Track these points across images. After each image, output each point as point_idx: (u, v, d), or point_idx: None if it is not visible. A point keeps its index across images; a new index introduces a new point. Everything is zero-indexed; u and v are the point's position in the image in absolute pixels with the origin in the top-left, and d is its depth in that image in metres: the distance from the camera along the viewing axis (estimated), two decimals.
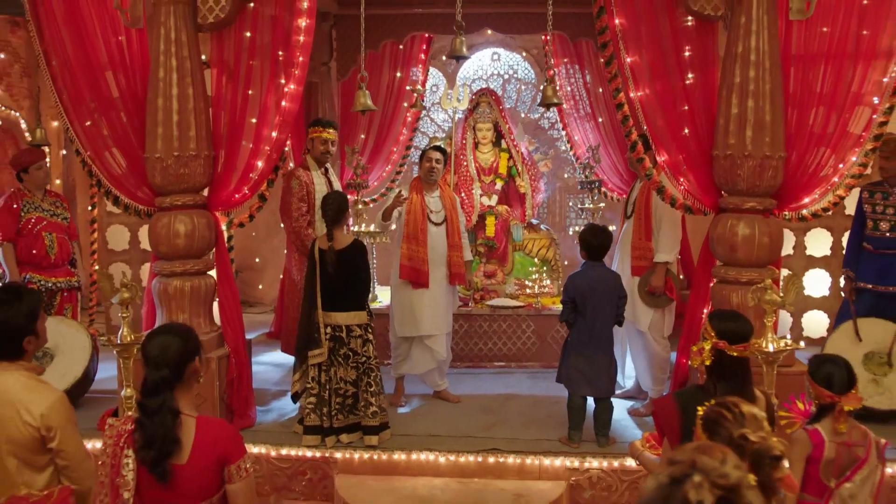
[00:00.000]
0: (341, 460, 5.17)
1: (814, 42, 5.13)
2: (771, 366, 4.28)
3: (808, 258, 8.06)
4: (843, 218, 7.50)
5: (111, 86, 5.72)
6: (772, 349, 4.25)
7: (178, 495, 2.79)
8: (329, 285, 5.21)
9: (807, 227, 7.90)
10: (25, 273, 6.24)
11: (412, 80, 8.79)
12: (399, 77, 8.74)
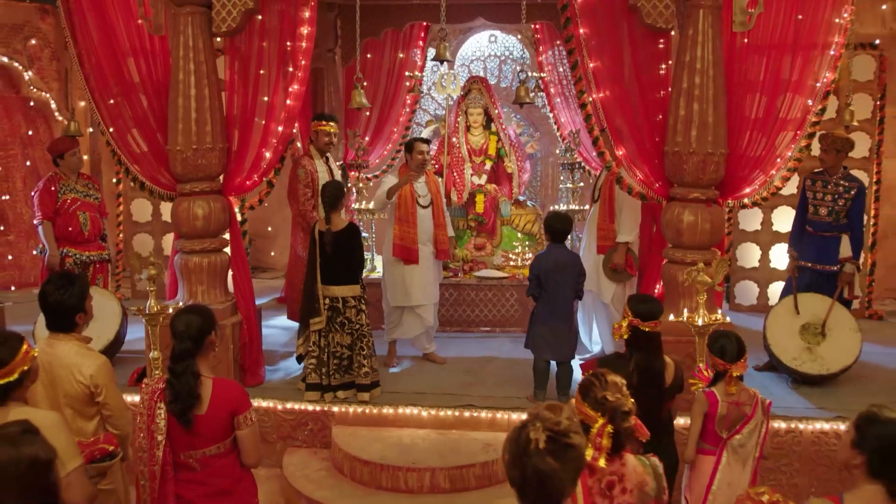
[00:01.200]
0: (338, 413, 6.00)
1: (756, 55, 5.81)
2: (702, 337, 5.02)
3: (773, 233, 8.79)
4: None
5: (132, 72, 6.47)
6: (701, 323, 5.01)
7: (198, 438, 3.60)
8: (327, 262, 5.98)
9: (773, 204, 8.60)
10: (62, 248, 7.05)
11: (412, 60, 9.46)
12: (400, 58, 9.40)
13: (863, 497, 2.80)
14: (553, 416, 2.26)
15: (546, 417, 2.25)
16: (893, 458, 2.73)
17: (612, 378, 2.91)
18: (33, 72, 9.99)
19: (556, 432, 2.22)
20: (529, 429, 2.23)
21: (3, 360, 3.15)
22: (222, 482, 3.67)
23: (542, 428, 2.22)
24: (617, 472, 2.87)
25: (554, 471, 2.18)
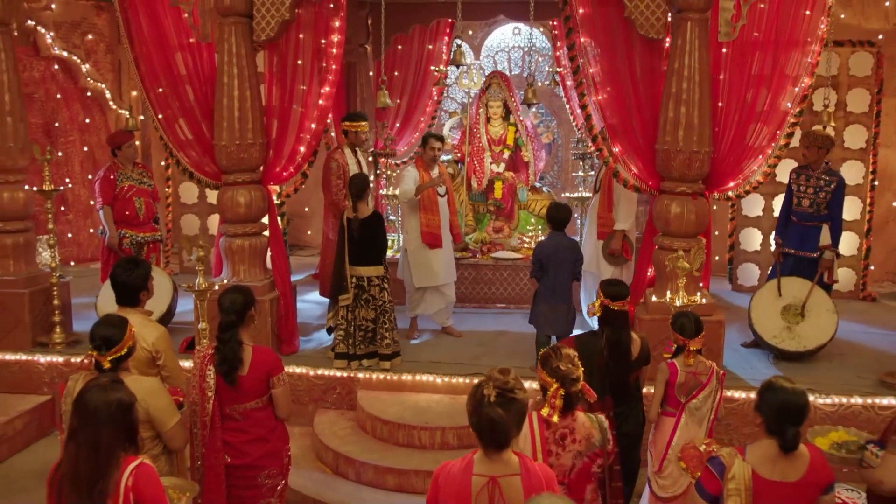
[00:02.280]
0: (363, 379, 6.80)
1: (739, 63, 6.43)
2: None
3: (774, 219, 9.34)
4: None
5: (180, 65, 7.27)
6: (679, 304, 5.68)
7: (241, 395, 4.41)
8: (354, 246, 6.75)
9: (774, 192, 9.19)
10: (120, 230, 7.90)
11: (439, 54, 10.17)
12: (428, 49, 10.14)
13: (760, 448, 3.51)
14: (502, 377, 3.00)
15: (496, 378, 2.99)
16: (782, 419, 3.43)
17: (566, 352, 3.64)
18: (90, 64, 10.84)
19: (503, 389, 2.96)
20: (483, 387, 2.98)
21: (116, 339, 3.96)
22: (260, 431, 4.48)
23: (493, 386, 2.97)
24: (569, 426, 3.60)
25: (501, 418, 2.92)
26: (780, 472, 3.46)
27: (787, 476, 3.45)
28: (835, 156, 9.25)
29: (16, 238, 7.51)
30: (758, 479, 3.43)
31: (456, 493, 2.96)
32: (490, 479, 2.93)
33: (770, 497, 3.43)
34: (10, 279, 7.44)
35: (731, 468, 3.45)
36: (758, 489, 3.42)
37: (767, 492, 3.43)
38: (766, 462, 3.47)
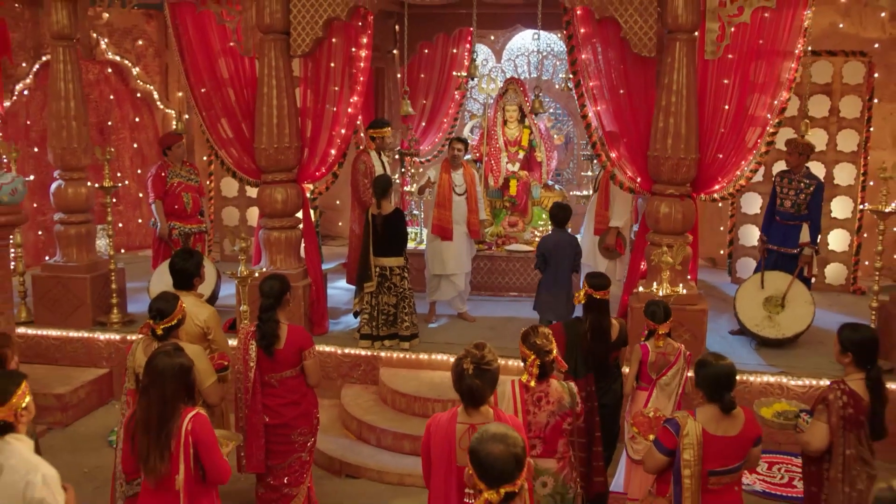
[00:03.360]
0: (384, 358, 7.65)
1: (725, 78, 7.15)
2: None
3: None
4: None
5: (222, 69, 8.16)
6: (662, 294, 6.44)
7: (277, 365, 5.27)
8: (377, 239, 7.57)
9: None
10: (170, 221, 8.79)
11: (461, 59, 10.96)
12: (453, 53, 10.95)
13: (707, 411, 4.28)
14: (478, 352, 3.81)
15: (473, 353, 3.80)
16: (715, 389, 4.21)
17: (542, 330, 4.44)
18: (140, 68, 11.75)
19: (479, 363, 3.77)
20: (463, 361, 3.78)
21: (168, 311, 4.84)
22: (293, 395, 5.35)
23: (470, 360, 3.77)
24: (544, 390, 4.40)
25: (478, 386, 3.73)
26: (722, 429, 4.24)
27: (728, 432, 4.24)
28: (828, 158, 9.97)
29: (79, 229, 8.45)
30: (706, 435, 4.21)
31: (444, 437, 3.77)
32: (470, 426, 3.74)
33: (715, 448, 4.21)
34: (74, 265, 8.38)
35: (685, 427, 4.23)
36: (706, 442, 4.20)
37: (713, 444, 4.21)
38: (712, 421, 4.26)
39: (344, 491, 6.47)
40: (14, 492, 3.39)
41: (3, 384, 3.53)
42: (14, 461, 3.44)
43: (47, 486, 3.44)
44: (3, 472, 3.40)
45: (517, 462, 2.73)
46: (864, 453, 4.53)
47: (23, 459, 3.47)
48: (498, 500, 2.69)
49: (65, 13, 7.99)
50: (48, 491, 3.43)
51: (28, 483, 3.39)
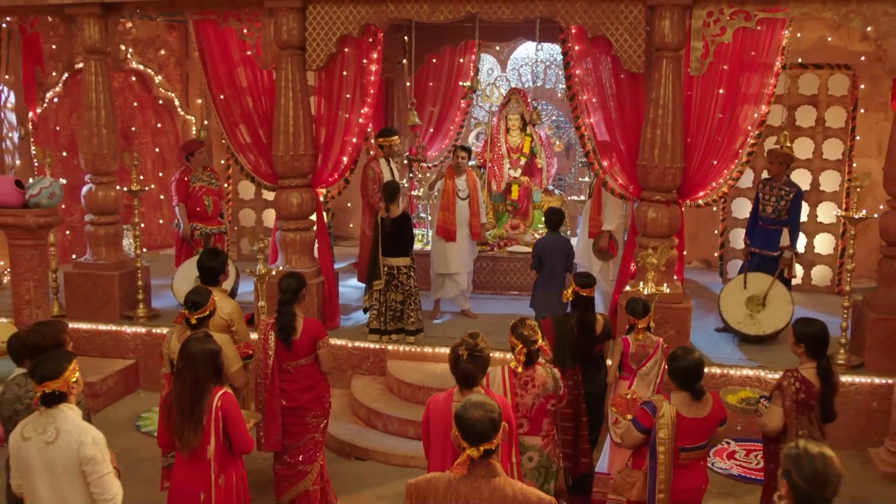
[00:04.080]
0: (391, 351, 8.23)
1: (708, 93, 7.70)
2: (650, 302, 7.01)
3: None
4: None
5: (241, 78, 8.75)
6: (647, 293, 6.99)
7: (294, 354, 5.85)
8: (386, 240, 8.15)
9: None
10: (192, 223, 9.39)
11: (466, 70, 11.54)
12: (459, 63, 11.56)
13: (679, 396, 4.84)
14: (472, 340, 4.37)
15: (468, 341, 4.36)
16: (685, 380, 4.77)
17: (529, 322, 5.01)
18: (161, 76, 12.38)
19: (472, 349, 4.33)
20: (458, 348, 4.35)
21: (201, 303, 5.43)
22: (308, 381, 5.94)
23: (465, 347, 4.34)
24: (530, 375, 4.97)
25: (472, 370, 4.29)
26: (693, 412, 4.80)
27: (698, 414, 4.81)
28: (814, 165, 10.51)
29: (107, 229, 9.07)
30: (679, 416, 4.78)
31: (442, 414, 4.34)
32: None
33: (686, 428, 4.78)
34: (103, 263, 9.00)
35: (661, 409, 4.80)
36: (679, 423, 4.77)
37: (685, 425, 4.78)
38: (684, 405, 4.82)
39: (353, 472, 7.05)
40: (69, 451, 3.98)
41: (58, 361, 4.12)
42: (68, 426, 4.03)
43: (96, 446, 4.03)
44: (60, 435, 3.99)
45: (493, 425, 3.28)
46: (815, 434, 5.06)
47: (75, 424, 4.06)
48: (478, 456, 3.25)
49: (97, 29, 8.60)
50: (97, 450, 4.02)
51: (80, 444, 3.98)
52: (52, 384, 4.01)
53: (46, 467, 3.99)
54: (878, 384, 7.41)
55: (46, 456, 3.98)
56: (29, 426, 4.05)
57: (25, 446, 4.02)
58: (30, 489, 4.06)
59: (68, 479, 3.99)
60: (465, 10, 7.79)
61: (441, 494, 3.27)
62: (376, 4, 7.92)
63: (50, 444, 3.97)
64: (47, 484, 4.00)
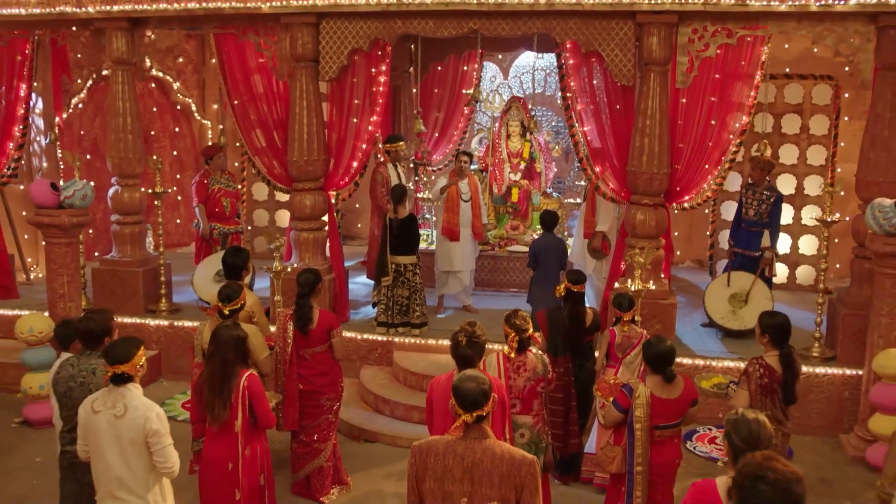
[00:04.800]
0: (398, 342, 8.83)
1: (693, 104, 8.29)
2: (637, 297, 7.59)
3: None
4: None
5: (257, 84, 9.37)
6: (634, 289, 7.57)
7: (310, 342, 6.46)
8: (394, 240, 8.74)
9: None
10: (211, 223, 10.01)
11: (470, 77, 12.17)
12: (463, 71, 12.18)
13: (654, 379, 5.42)
14: (470, 328, 4.95)
15: (467, 329, 4.94)
16: (657, 364, 5.35)
17: (521, 313, 5.61)
18: (180, 83, 13.00)
19: (470, 336, 4.92)
20: (458, 335, 4.94)
21: (234, 297, 6.02)
22: (323, 367, 6.55)
23: (464, 334, 4.93)
24: (522, 360, 5.56)
25: (470, 354, 4.87)
26: (666, 393, 5.38)
27: (671, 395, 5.39)
28: (799, 171, 11.10)
29: (132, 228, 9.70)
30: (653, 397, 5.36)
31: (443, 392, 4.92)
32: None
33: (660, 408, 5.36)
34: (128, 260, 9.63)
35: (637, 390, 5.38)
36: (653, 403, 5.35)
37: (658, 405, 5.36)
38: (658, 387, 5.41)
39: (362, 453, 7.66)
40: (136, 425, 4.57)
41: (128, 347, 4.71)
42: (136, 402, 4.63)
43: (160, 420, 4.63)
44: (128, 410, 4.59)
45: (484, 395, 3.87)
46: (777, 414, 5.65)
47: (141, 401, 4.66)
48: (472, 421, 3.84)
49: (124, 41, 9.22)
50: (161, 424, 4.62)
51: (147, 418, 4.58)
52: (122, 367, 4.60)
53: (115, 437, 4.58)
54: (848, 375, 7.97)
55: (115, 427, 4.57)
56: (98, 401, 4.65)
57: (95, 418, 4.61)
58: (97, 456, 4.65)
59: (134, 448, 4.58)
60: (468, 27, 8.39)
61: (440, 453, 3.86)
62: (385, 20, 8.53)
63: (119, 418, 4.57)
64: (114, 452, 4.59)
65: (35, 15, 9.29)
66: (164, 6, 8.91)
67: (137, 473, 4.64)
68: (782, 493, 2.76)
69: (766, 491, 2.77)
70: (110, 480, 4.64)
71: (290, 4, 8.53)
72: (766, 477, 2.80)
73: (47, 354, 8.05)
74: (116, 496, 4.65)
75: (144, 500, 4.67)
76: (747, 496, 2.81)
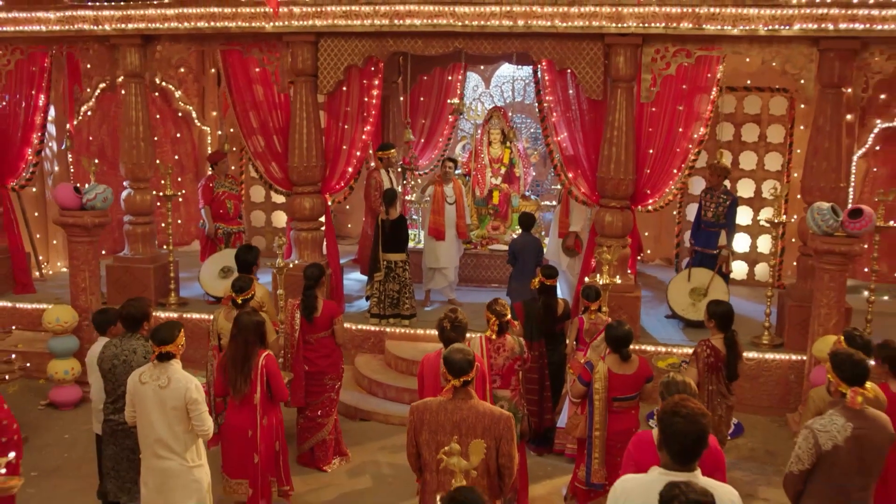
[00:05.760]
0: (389, 332, 9.71)
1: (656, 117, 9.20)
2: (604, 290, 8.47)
3: None
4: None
5: (259, 95, 10.20)
6: (601, 283, 8.47)
7: (315, 328, 7.33)
8: (385, 239, 9.60)
9: None
10: (216, 223, 10.85)
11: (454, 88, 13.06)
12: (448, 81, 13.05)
13: (612, 357, 6.30)
14: (453, 315, 5.81)
15: (449, 315, 5.80)
16: (615, 345, 6.22)
17: (501, 301, 6.49)
18: (181, 91, 13.80)
19: (453, 321, 5.78)
20: (443, 321, 5.80)
21: (246, 287, 6.87)
22: (326, 350, 7.42)
23: (448, 319, 5.78)
24: (501, 342, 6.44)
25: (454, 336, 5.73)
26: (622, 370, 6.27)
27: (627, 371, 6.28)
28: (758, 176, 12.05)
29: (143, 228, 10.52)
30: (611, 373, 6.26)
31: (433, 367, 5.80)
32: None
33: (618, 382, 6.24)
34: (140, 257, 10.46)
35: (597, 366, 6.27)
36: (611, 378, 6.24)
37: (616, 379, 6.25)
38: (615, 364, 6.29)
39: (359, 429, 8.53)
40: (178, 394, 5.40)
41: (172, 330, 5.53)
42: (178, 376, 5.47)
43: (198, 391, 5.47)
44: (171, 382, 5.41)
45: (469, 363, 4.73)
46: (722, 389, 6.57)
47: (182, 375, 5.49)
48: (459, 385, 4.71)
49: (136, 56, 10.04)
50: (199, 393, 5.46)
51: (187, 389, 5.42)
52: (167, 346, 5.44)
53: (159, 405, 5.41)
54: (794, 360, 8.91)
55: (160, 396, 5.40)
56: (145, 374, 5.48)
57: (142, 389, 5.45)
58: (143, 420, 5.49)
59: (175, 414, 5.42)
60: (453, 46, 9.29)
61: (434, 411, 4.74)
62: (378, 40, 9.41)
63: (163, 389, 5.40)
64: (159, 417, 5.42)
65: (55, 31, 10.09)
66: (176, 25, 9.72)
67: (178, 435, 5.48)
68: (691, 424, 3.63)
69: (680, 422, 3.64)
70: (155, 441, 5.48)
71: (292, 25, 9.37)
72: (680, 411, 3.67)
73: (72, 342, 8.91)
74: (159, 455, 5.50)
75: (183, 457, 5.52)
76: (666, 427, 3.69)
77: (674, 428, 3.64)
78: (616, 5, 8.65)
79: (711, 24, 8.61)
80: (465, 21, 8.99)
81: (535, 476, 7.41)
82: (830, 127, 8.81)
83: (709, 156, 11.41)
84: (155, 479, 5.55)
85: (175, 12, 9.68)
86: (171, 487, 5.53)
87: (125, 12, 9.81)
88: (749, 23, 8.55)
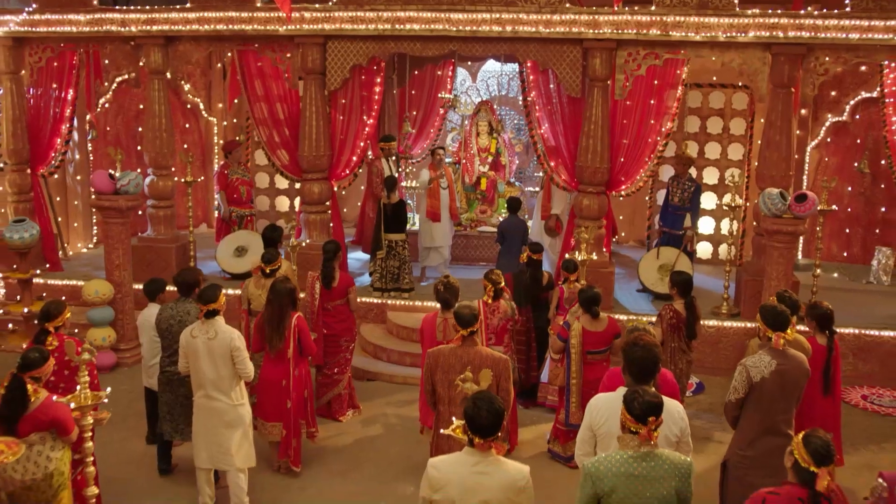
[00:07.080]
0: (390, 304, 10.84)
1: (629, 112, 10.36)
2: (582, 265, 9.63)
3: None
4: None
5: (271, 88, 11.25)
6: (580, 259, 9.62)
7: (333, 296, 8.45)
8: (387, 220, 10.71)
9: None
10: (230, 207, 11.92)
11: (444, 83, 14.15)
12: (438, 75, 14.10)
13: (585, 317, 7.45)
14: (445, 279, 6.98)
15: (442, 280, 6.98)
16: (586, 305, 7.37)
17: (496, 271, 7.66)
18: (190, 84, 14.80)
19: (445, 284, 6.94)
20: (438, 284, 6.97)
21: (273, 259, 8.01)
22: (341, 316, 8.56)
23: (441, 283, 6.96)
24: (496, 306, 7.61)
25: (447, 297, 6.90)
26: (594, 327, 7.43)
27: (597, 328, 7.44)
28: (721, 164, 13.26)
29: (165, 211, 11.59)
30: (584, 330, 7.42)
31: (431, 325, 6.97)
32: (444, 319, 6.96)
33: (591, 338, 7.40)
34: (163, 238, 11.54)
35: (573, 325, 7.44)
36: (584, 334, 7.40)
37: (589, 336, 7.41)
38: (588, 322, 7.45)
39: (367, 388, 9.67)
40: (224, 344, 6.47)
41: (215, 291, 6.59)
42: (223, 328, 6.56)
43: (240, 340, 6.58)
44: (218, 334, 6.51)
45: (474, 316, 5.87)
46: (682, 346, 7.75)
47: (227, 328, 6.59)
48: (467, 334, 5.86)
49: (159, 55, 11.08)
50: (241, 342, 6.57)
51: (231, 338, 6.52)
52: (212, 304, 6.54)
53: (208, 354, 6.50)
54: (749, 327, 10.12)
55: (209, 347, 6.50)
56: (195, 329, 6.58)
57: (194, 342, 6.54)
58: (196, 367, 6.57)
59: (223, 361, 6.52)
60: (448, 49, 10.44)
61: (446, 355, 5.89)
62: (381, 42, 10.51)
63: (211, 340, 6.49)
64: (208, 364, 6.51)
65: (85, 32, 11.11)
66: (196, 27, 10.77)
67: (225, 378, 6.57)
68: (647, 351, 4.79)
69: (638, 351, 4.80)
70: (206, 383, 6.58)
71: (303, 28, 10.45)
72: (638, 342, 4.84)
73: (108, 313, 9.98)
74: (210, 395, 6.61)
75: (229, 396, 6.61)
76: (628, 354, 4.85)
77: (634, 355, 4.81)
78: (593, 14, 9.81)
79: (677, 31, 9.77)
80: (458, 26, 10.11)
81: (523, 423, 8.58)
82: (781, 122, 10.01)
83: (676, 146, 12.62)
84: (206, 416, 6.66)
85: (196, 16, 10.72)
86: (218, 423, 6.63)
87: (150, 15, 10.85)
88: (710, 30, 9.72)
